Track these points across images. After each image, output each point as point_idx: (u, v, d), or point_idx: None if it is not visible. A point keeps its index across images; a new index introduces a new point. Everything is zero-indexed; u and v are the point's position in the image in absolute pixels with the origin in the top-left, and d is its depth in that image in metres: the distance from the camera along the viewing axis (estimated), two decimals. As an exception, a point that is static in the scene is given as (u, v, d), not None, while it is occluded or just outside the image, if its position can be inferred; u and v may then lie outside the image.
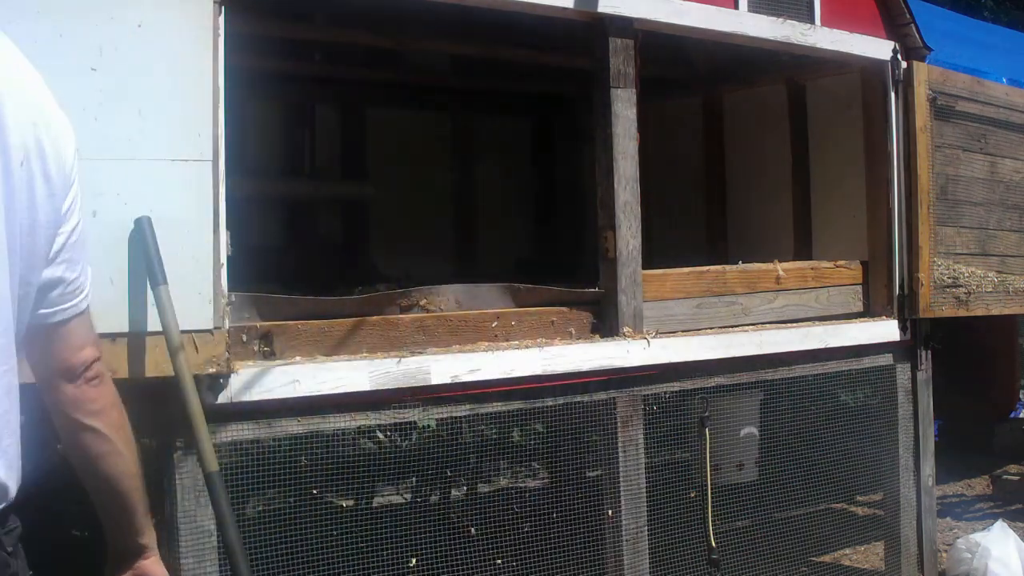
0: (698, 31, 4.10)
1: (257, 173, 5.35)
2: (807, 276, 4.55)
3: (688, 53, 5.36)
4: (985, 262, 4.97)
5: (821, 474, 4.55)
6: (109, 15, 2.64)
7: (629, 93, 3.79)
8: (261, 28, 4.33)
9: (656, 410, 3.94)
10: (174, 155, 2.47)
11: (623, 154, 3.77)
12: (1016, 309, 5.21)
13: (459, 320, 3.47)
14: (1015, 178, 5.16)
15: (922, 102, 4.65)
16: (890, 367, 4.72)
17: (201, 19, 2.81)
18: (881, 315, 4.70)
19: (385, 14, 4.60)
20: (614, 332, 3.76)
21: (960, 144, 4.88)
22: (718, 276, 4.23)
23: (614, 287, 3.76)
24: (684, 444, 4.22)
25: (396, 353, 3.23)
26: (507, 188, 6.73)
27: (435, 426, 4.00)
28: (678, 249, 5.54)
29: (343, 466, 3.50)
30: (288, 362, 3.02)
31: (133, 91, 2.68)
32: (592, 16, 3.73)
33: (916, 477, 4.79)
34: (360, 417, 3.16)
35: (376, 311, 3.35)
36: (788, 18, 4.30)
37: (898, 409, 4.74)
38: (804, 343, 4.33)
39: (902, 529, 4.76)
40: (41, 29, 2.57)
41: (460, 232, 6.51)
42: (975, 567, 4.80)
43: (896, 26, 4.70)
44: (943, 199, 4.76)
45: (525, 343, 3.54)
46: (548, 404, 3.59)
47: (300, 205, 5.75)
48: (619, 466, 3.71)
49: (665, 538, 3.94)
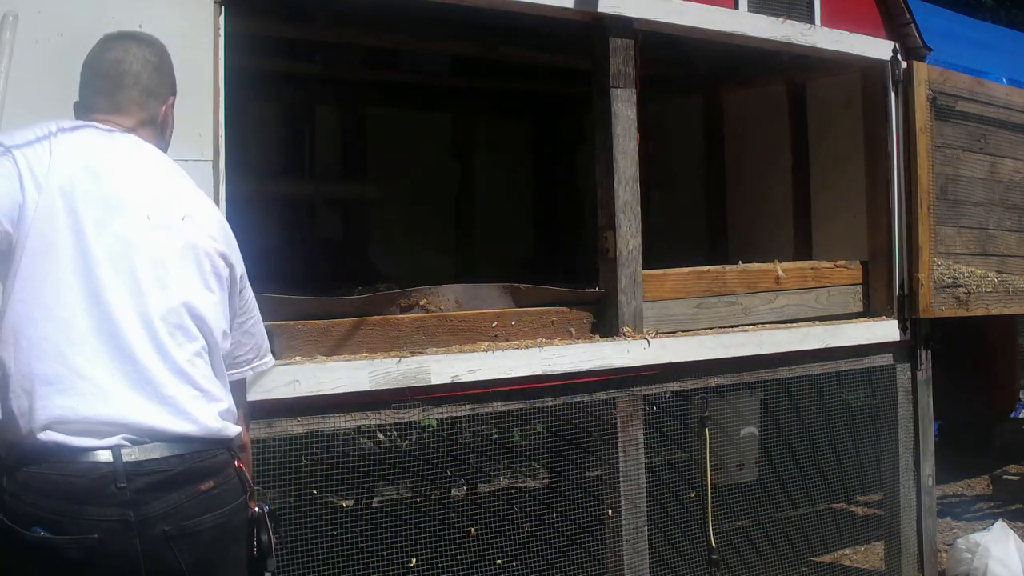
0: (698, 31, 4.10)
1: (257, 173, 5.35)
2: (807, 276, 4.55)
3: (688, 53, 5.36)
4: (985, 262, 4.97)
5: (821, 474, 4.56)
6: (110, 15, 2.64)
7: (629, 93, 3.79)
8: (261, 28, 4.33)
9: (656, 410, 3.94)
10: (175, 155, 2.46)
11: (623, 154, 3.77)
12: (1016, 309, 5.21)
13: (459, 320, 3.47)
14: (1015, 178, 5.16)
15: (922, 102, 4.65)
16: (890, 367, 4.72)
17: (201, 19, 2.81)
18: (881, 315, 4.70)
19: (385, 14, 4.60)
20: (614, 332, 3.76)
21: (960, 144, 4.88)
22: (718, 276, 4.23)
23: (614, 287, 3.76)
24: (684, 444, 4.22)
25: (396, 353, 3.23)
26: (507, 188, 6.73)
27: (435, 426, 4.00)
28: (678, 249, 5.54)
29: (343, 466, 3.50)
30: (288, 362, 3.03)
31: (133, 91, 2.68)
32: (592, 16, 3.73)
33: (916, 477, 4.79)
34: (360, 417, 3.16)
35: (376, 311, 3.35)
36: (788, 18, 4.30)
37: (898, 409, 4.74)
38: (804, 343, 4.33)
39: (902, 529, 4.76)
40: (41, 29, 2.57)
41: (460, 232, 6.52)
42: (975, 567, 4.80)
43: (896, 26, 4.70)
44: (943, 199, 4.76)
45: (525, 343, 3.54)
46: (548, 404, 3.59)
47: (300, 205, 5.75)
48: (619, 466, 3.71)
49: (665, 538, 3.94)
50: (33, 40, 2.56)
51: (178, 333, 2.08)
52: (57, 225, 2.00)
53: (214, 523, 2.00)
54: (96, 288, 2.00)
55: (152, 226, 2.11)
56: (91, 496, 1.88)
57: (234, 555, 2.10)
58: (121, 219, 2.07)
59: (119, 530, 1.89)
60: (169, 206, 2.16)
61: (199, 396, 2.07)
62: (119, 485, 1.89)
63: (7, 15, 2.26)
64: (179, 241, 2.14)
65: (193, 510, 1.97)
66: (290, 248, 5.65)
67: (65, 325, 1.97)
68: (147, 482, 1.93)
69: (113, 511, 1.89)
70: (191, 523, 1.96)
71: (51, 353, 1.96)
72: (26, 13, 2.53)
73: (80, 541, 1.87)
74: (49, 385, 1.94)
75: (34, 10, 2.57)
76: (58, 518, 1.87)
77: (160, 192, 2.17)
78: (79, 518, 1.87)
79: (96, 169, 2.09)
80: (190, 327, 2.10)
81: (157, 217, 2.12)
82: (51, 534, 1.86)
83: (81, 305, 1.99)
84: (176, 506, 1.95)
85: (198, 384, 2.08)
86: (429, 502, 5.03)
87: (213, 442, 2.07)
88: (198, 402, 2.07)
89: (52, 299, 1.98)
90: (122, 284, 2.03)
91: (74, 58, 2.35)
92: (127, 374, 1.99)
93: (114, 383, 1.98)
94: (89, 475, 1.90)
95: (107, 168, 2.11)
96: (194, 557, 1.96)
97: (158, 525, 1.92)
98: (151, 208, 2.12)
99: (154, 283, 2.06)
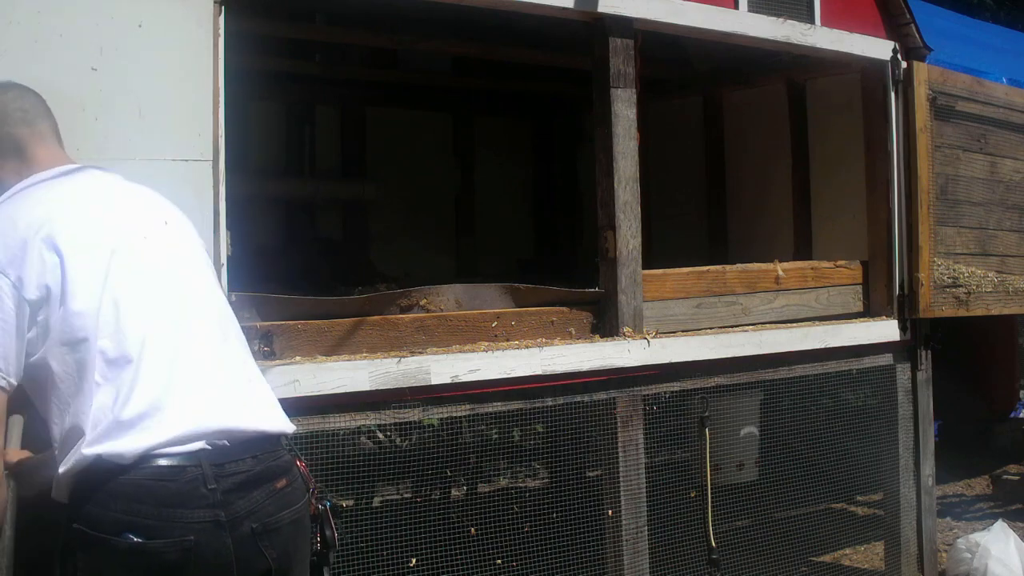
0: (698, 31, 4.10)
1: (257, 173, 5.35)
2: (807, 276, 4.55)
3: (688, 53, 5.36)
4: (985, 262, 4.97)
5: (821, 474, 4.55)
6: (110, 15, 2.64)
7: (629, 93, 3.79)
8: (261, 28, 4.33)
9: (656, 410, 3.94)
10: (175, 155, 2.47)
11: (623, 154, 3.77)
12: (1016, 309, 5.21)
13: (459, 320, 3.47)
14: (1015, 178, 5.16)
15: (922, 102, 4.65)
16: (890, 367, 4.72)
17: (201, 19, 2.81)
18: (881, 315, 4.70)
19: (385, 14, 4.60)
20: (614, 332, 3.76)
21: (960, 144, 4.88)
22: (718, 276, 4.23)
23: (614, 287, 3.76)
24: (684, 444, 4.22)
25: (396, 353, 3.23)
26: (507, 188, 6.73)
27: (435, 425, 4.00)
28: (678, 249, 5.55)
29: (343, 466, 3.49)
30: (288, 362, 3.02)
31: (134, 91, 2.69)
32: (592, 16, 3.73)
33: (916, 477, 4.79)
34: (360, 417, 3.16)
35: (376, 311, 3.35)
36: (788, 18, 4.30)
37: (898, 409, 4.74)
38: (804, 343, 4.33)
39: (902, 529, 4.76)
40: (42, 28, 2.57)
41: (460, 232, 6.52)
42: (975, 567, 4.80)
43: (896, 26, 4.70)
44: (943, 199, 4.76)
45: (525, 343, 3.54)
46: (548, 404, 3.59)
47: (300, 205, 5.75)
48: (619, 466, 3.71)
49: (665, 538, 3.94)
50: (32, 40, 2.56)
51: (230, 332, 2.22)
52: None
53: (291, 519, 2.08)
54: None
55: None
56: (183, 499, 1.93)
57: (304, 549, 2.18)
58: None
59: (212, 530, 1.94)
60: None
61: (268, 397, 2.21)
62: (209, 487, 1.95)
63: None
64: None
65: (273, 507, 2.05)
66: (290, 248, 5.65)
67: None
68: (232, 483, 1.98)
69: (206, 512, 1.94)
70: (272, 519, 2.04)
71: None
72: (26, 13, 2.53)
73: (178, 543, 1.91)
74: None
75: (33, 10, 2.56)
76: (151, 523, 1.91)
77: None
78: (173, 522, 1.92)
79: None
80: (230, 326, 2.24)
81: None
82: (144, 539, 1.90)
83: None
84: (259, 504, 2.02)
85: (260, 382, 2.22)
86: (429, 502, 5.03)
87: (278, 441, 2.17)
88: (267, 402, 2.20)
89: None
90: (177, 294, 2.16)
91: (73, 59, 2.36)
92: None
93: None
94: (178, 479, 1.94)
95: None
96: (278, 551, 2.04)
97: (245, 523, 1.98)
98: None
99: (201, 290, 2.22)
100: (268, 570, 2.03)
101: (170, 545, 1.91)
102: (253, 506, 2.00)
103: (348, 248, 5.95)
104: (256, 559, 2.00)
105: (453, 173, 6.49)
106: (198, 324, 2.13)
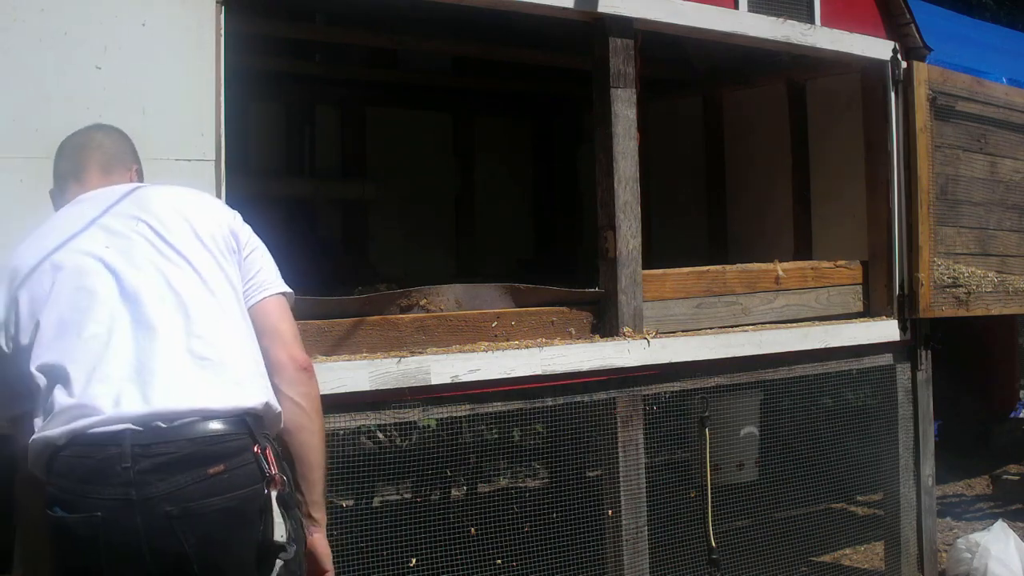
0: (698, 31, 4.10)
1: (258, 173, 5.35)
2: (807, 276, 4.55)
3: (688, 53, 5.36)
4: (985, 262, 4.97)
5: (821, 474, 4.55)
6: (114, 14, 2.64)
7: (629, 93, 3.79)
8: (262, 28, 4.34)
9: (656, 410, 3.94)
10: (178, 155, 2.47)
11: (623, 154, 3.77)
12: (1016, 309, 5.21)
13: (459, 320, 3.47)
14: (1015, 178, 5.16)
15: (922, 102, 4.65)
16: (890, 367, 4.72)
17: (203, 18, 2.81)
18: (881, 315, 4.70)
19: (385, 14, 4.61)
20: (614, 332, 3.76)
21: (960, 144, 4.88)
22: (718, 276, 4.23)
23: (614, 287, 3.76)
24: (684, 444, 4.22)
25: (396, 353, 3.23)
26: (507, 188, 6.73)
27: (435, 425, 4.00)
28: (678, 249, 5.55)
29: (343, 466, 3.49)
30: (288, 362, 3.02)
31: (137, 90, 2.69)
32: (592, 16, 3.73)
33: (916, 477, 4.79)
34: (360, 417, 3.16)
35: (376, 311, 3.35)
36: (788, 18, 4.30)
37: (898, 409, 4.74)
38: (804, 343, 4.33)
39: (902, 529, 4.76)
40: (46, 27, 2.57)
41: (460, 232, 6.52)
42: (975, 567, 4.80)
43: (896, 26, 4.71)
44: (943, 199, 4.76)
45: (525, 343, 3.54)
46: (548, 404, 3.59)
47: (300, 205, 5.75)
48: (619, 466, 3.71)
49: (665, 538, 3.94)
50: (37, 39, 2.57)
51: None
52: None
53: (223, 506, 2.03)
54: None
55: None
56: (97, 476, 1.97)
57: (243, 539, 2.11)
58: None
59: (121, 508, 1.95)
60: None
61: (236, 373, 2.19)
62: (123, 465, 1.96)
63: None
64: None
65: (199, 492, 2.01)
66: (290, 248, 5.63)
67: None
68: (153, 463, 1.98)
69: (116, 490, 1.95)
70: (196, 504, 2.00)
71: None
72: (31, 11, 2.53)
73: (88, 519, 1.95)
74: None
75: (37, 8, 2.57)
76: (69, 497, 1.97)
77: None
78: (86, 497, 1.96)
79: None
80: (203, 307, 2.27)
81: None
82: (65, 513, 1.96)
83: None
84: (180, 486, 1.99)
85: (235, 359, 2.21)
86: (429, 502, 5.03)
87: (239, 423, 2.11)
88: (232, 379, 2.19)
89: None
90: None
91: (77, 58, 2.36)
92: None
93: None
94: (95, 456, 1.98)
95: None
96: (196, 538, 2.00)
97: (161, 505, 1.97)
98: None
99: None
100: (184, 555, 1.98)
101: (81, 520, 1.95)
102: (172, 488, 1.98)
103: (348, 248, 5.95)
104: (170, 543, 1.97)
105: (453, 173, 6.49)
106: (152, 312, 2.13)
